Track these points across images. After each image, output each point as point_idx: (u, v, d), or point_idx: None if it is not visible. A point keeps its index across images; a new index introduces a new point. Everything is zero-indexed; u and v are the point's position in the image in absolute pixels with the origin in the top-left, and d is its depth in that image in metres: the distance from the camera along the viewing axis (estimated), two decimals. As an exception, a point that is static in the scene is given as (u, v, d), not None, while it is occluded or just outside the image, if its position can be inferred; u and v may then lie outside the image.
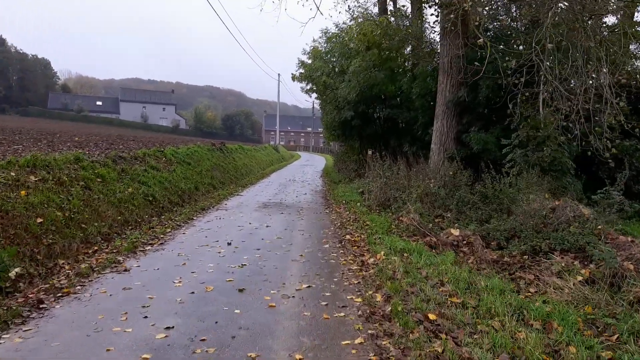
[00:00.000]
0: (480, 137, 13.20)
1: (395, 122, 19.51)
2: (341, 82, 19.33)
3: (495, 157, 12.92)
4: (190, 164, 17.61)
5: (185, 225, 9.46)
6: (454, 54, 14.26)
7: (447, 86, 14.62)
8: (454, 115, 14.59)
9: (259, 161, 33.06)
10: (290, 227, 9.31)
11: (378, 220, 9.62)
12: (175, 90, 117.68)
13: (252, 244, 7.64)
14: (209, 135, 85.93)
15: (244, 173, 24.81)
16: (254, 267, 6.19)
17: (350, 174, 21.27)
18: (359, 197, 13.11)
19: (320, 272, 6.03)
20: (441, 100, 14.67)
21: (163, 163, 15.62)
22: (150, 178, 13.09)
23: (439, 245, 7.98)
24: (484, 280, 5.74)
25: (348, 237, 8.23)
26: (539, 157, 11.27)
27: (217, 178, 19.86)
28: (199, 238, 8.08)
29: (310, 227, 9.49)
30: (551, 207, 7.81)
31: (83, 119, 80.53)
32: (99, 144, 17.89)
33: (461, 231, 8.20)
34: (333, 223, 10.00)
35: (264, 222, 9.87)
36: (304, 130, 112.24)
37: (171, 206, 12.75)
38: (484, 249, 7.66)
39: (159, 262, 6.43)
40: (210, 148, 22.91)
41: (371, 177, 13.31)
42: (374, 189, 12.13)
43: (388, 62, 18.71)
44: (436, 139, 14.79)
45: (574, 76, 10.64)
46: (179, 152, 17.81)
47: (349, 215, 10.78)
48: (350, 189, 15.36)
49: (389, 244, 7.33)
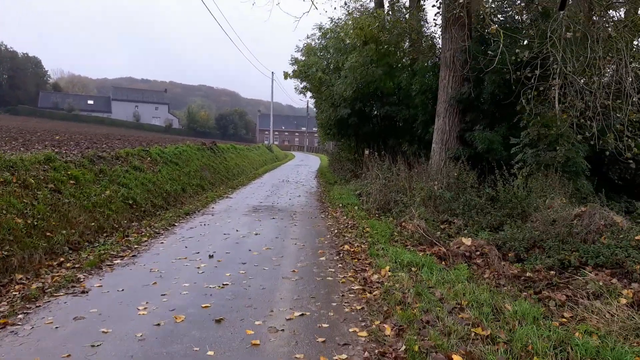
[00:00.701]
0: (485, 136, 12.32)
1: (394, 120, 18.61)
2: (337, 79, 18.40)
3: (501, 157, 12.07)
4: (177, 165, 16.64)
5: (165, 232, 8.49)
6: (456, 48, 13.41)
7: (449, 82, 13.76)
8: (456, 113, 13.72)
9: (252, 161, 32.08)
10: (282, 235, 8.35)
11: (379, 227, 8.70)
12: (169, 89, 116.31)
13: (238, 257, 6.68)
14: (202, 134, 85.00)
15: (235, 173, 23.84)
16: (237, 287, 5.24)
17: (346, 175, 20.34)
18: (357, 200, 12.19)
19: (315, 293, 5.08)
20: (443, 97, 13.81)
21: (147, 163, 14.65)
22: (132, 179, 12.12)
23: (449, 256, 7.07)
24: (511, 304, 4.83)
25: (347, 247, 7.28)
26: (551, 157, 10.41)
27: (206, 179, 18.89)
28: (178, 249, 7.11)
29: (304, 234, 8.54)
30: (576, 214, 6.91)
31: (74, 118, 79.20)
32: (80, 143, 16.88)
33: (473, 240, 7.29)
34: (329, 230, 9.06)
35: (253, 228, 8.91)
36: (298, 130, 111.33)
37: (154, 210, 11.78)
38: (500, 261, 6.76)
39: (126, 280, 5.47)
40: (200, 147, 21.92)
41: (369, 179, 12.39)
42: (373, 191, 11.21)
43: (386, 58, 17.81)
44: (437, 138, 13.91)
45: (591, 69, 9.78)
46: (165, 152, 16.82)
47: (346, 220, 9.85)
48: (347, 190, 14.43)
49: (394, 256, 6.41)
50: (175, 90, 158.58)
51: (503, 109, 13.23)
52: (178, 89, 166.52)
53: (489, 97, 12.73)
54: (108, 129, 56.43)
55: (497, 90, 12.35)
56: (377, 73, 16.91)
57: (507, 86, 12.34)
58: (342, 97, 17.63)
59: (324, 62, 20.52)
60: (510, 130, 12.64)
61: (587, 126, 10.04)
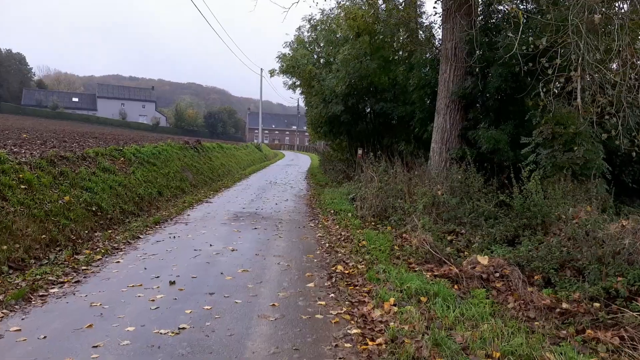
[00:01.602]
0: (490, 134, 11.17)
1: (389, 118, 17.44)
2: (328, 73, 17.17)
3: (507, 158, 10.97)
4: (155, 165, 15.34)
5: (126, 247, 7.19)
6: (459, 38, 12.27)
7: (451, 76, 12.62)
8: (458, 110, 12.58)
9: (239, 161, 30.76)
10: (263, 251, 7.09)
11: (376, 239, 7.50)
12: (157, 87, 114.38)
13: (206, 283, 5.43)
14: (190, 133, 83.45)
15: (220, 174, 22.53)
16: (197, 333, 3.95)
17: (338, 176, 19.14)
18: (350, 206, 10.98)
19: (300, 342, 3.81)
20: (443, 93, 12.66)
21: (120, 164, 13.34)
22: (99, 183, 10.83)
23: (463, 278, 5.89)
24: (552, 352, 3.66)
25: (340, 267, 6.04)
26: (568, 158, 9.30)
27: (188, 180, 17.59)
28: (135, 271, 5.83)
29: (290, 250, 7.32)
30: (616, 229, 5.76)
31: (58, 116, 77.25)
32: (48, 142, 15.47)
33: (491, 259, 6.11)
34: (319, 243, 7.82)
35: (230, 242, 7.64)
36: (288, 129, 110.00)
37: (123, 217, 10.49)
38: (526, 285, 5.58)
39: (55, 320, 4.21)
40: (182, 146, 20.60)
41: (364, 181, 11.19)
42: (368, 195, 10.01)
43: (380, 51, 16.62)
44: (437, 137, 12.77)
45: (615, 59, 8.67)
46: (142, 152, 15.50)
47: (339, 230, 8.64)
48: (340, 194, 13.21)
49: (398, 282, 5.20)
50: (163, 88, 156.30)
51: (510, 105, 12.13)
52: (167, 86, 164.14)
53: (495, 92, 11.61)
54: (92, 127, 54.70)
55: (504, 85, 11.24)
56: (372, 67, 15.72)
57: (515, 80, 11.24)
58: (334, 92, 16.41)
59: (314, 55, 19.28)
60: (517, 129, 11.55)
61: (608, 123, 8.93)
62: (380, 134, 18.34)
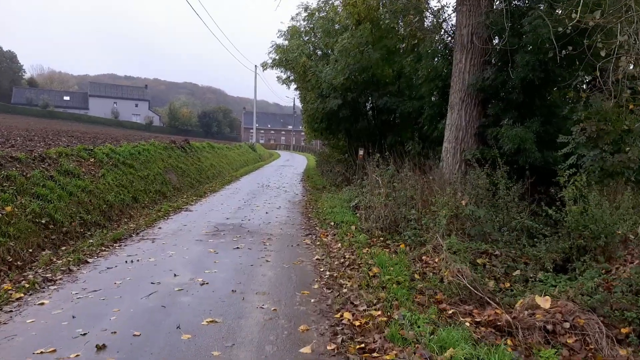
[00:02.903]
0: (516, 132, 9.53)
1: (393, 115, 15.79)
2: (325, 65, 15.48)
3: (534, 160, 9.37)
4: (133, 167, 13.64)
5: (62, 279, 5.47)
6: (476, 23, 10.69)
7: (467, 66, 11.00)
8: (475, 104, 10.98)
9: (231, 161, 29.04)
10: (243, 285, 5.38)
11: (390, 264, 5.83)
12: (153, 87, 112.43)
13: (150, 348, 3.71)
14: (184, 132, 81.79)
15: (210, 176, 20.82)
16: None
17: (337, 179, 17.45)
18: (353, 217, 9.31)
19: None
20: (458, 85, 11.06)
21: (88, 166, 11.64)
22: (56, 189, 9.17)
23: (517, 329, 4.23)
24: None
25: (347, 316, 4.29)
26: (620, 161, 7.65)
27: (171, 184, 15.89)
28: (55, 324, 4.08)
29: (280, 282, 5.60)
30: None
31: (48, 115, 75.38)
32: (9, 141, 13.73)
33: (554, 301, 4.45)
34: (318, 270, 6.10)
35: (202, 269, 5.93)
36: (284, 128, 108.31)
37: (84, 229, 8.82)
38: (612, 344, 3.93)
39: None
40: (167, 146, 18.88)
41: (368, 186, 9.52)
42: (376, 204, 8.33)
43: (383, 40, 14.96)
44: (450, 136, 11.15)
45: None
46: (118, 152, 13.79)
47: (341, 250, 6.97)
48: (340, 201, 11.53)
49: (434, 344, 3.53)
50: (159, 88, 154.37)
51: (536, 98, 10.53)
52: (162, 86, 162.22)
53: (520, 83, 9.96)
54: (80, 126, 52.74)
55: (531, 75, 9.59)
56: (374, 57, 14.05)
57: (544, 69, 9.62)
58: (332, 86, 14.73)
59: (310, 47, 17.57)
60: (544, 126, 9.93)
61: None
62: (383, 133, 16.69)
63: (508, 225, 7.33)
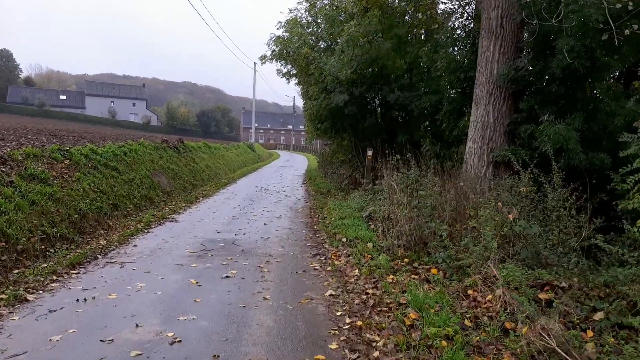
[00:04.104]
0: (558, 130, 8.03)
1: (404, 111, 14.31)
2: (330, 57, 13.98)
3: (578, 162, 7.90)
4: (116, 169, 12.17)
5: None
6: (508, 4, 9.28)
7: (496, 54, 9.59)
8: (505, 98, 9.56)
9: (229, 162, 27.56)
10: (230, 344, 3.79)
11: (429, 304, 4.35)
12: (152, 86, 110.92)
13: None
14: (182, 132, 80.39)
15: (205, 178, 19.34)
16: None
17: (343, 182, 15.95)
18: (368, 231, 7.82)
19: None
20: (485, 76, 9.64)
21: (61, 169, 10.18)
22: (14, 197, 7.72)
23: None
24: None
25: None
26: None
27: (160, 187, 14.41)
28: None
29: (283, 337, 3.98)
30: None
31: (44, 114, 74.00)
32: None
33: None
34: (333, 315, 4.50)
35: (176, 314, 4.40)
36: (284, 128, 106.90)
37: (46, 246, 7.36)
38: None
39: None
40: (158, 146, 17.40)
41: (386, 194, 8.04)
42: (399, 217, 6.84)
43: (394, 29, 13.49)
44: (476, 135, 9.72)
45: None
46: (100, 152, 12.31)
47: (361, 280, 5.46)
48: (350, 209, 10.03)
49: None
50: (158, 87, 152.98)
51: (577, 91, 9.07)
52: (161, 85, 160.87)
53: (561, 72, 8.46)
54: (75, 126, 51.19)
55: (575, 63, 8.08)
56: (384, 47, 12.55)
57: (590, 56, 8.17)
58: (337, 79, 13.22)
59: (312, 37, 16.05)
60: (587, 123, 8.45)
61: None
62: (393, 131, 15.21)
63: (564, 245, 5.88)
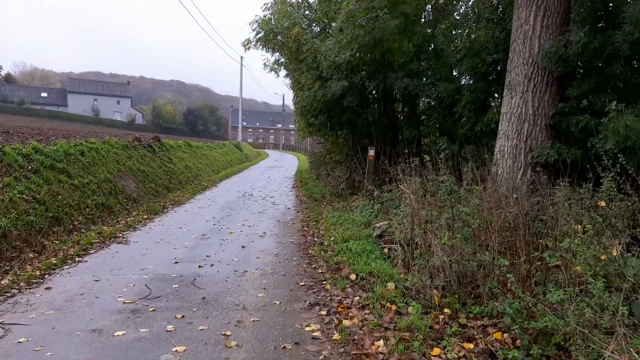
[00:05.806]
0: (624, 122, 5.99)
1: (412, 104, 12.22)
2: (325, 39, 11.84)
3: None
4: (66, 172, 9.95)
5: None
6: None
7: (537, 28, 7.61)
8: (548, 84, 7.58)
9: (212, 162, 25.31)
10: None
11: None
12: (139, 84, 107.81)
13: None
14: (168, 131, 77.85)
15: (183, 180, 17.09)
16: None
17: (338, 186, 13.80)
18: (383, 260, 5.70)
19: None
20: (521, 57, 7.66)
21: (-15, 173, 7.97)
22: None
23: None
24: None
25: None
26: None
27: (126, 193, 12.19)
28: None
29: None
30: None
31: (24, 112, 71.52)
32: None
33: None
34: None
35: None
36: (273, 127, 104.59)
37: None
38: None
39: None
40: (127, 144, 15.13)
41: (409, 208, 5.93)
42: (433, 244, 4.74)
43: (400, 6, 11.37)
44: (509, 130, 7.73)
45: None
46: (46, 152, 10.07)
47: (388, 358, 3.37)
48: (354, 224, 7.88)
49: None
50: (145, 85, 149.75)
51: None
52: (148, 84, 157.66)
53: (629, 48, 6.46)
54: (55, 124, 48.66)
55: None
56: (390, 26, 10.44)
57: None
58: (335, 64, 11.06)
59: (305, 20, 13.88)
60: (655, 113, 6.41)
61: None
62: (397, 127, 13.12)
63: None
